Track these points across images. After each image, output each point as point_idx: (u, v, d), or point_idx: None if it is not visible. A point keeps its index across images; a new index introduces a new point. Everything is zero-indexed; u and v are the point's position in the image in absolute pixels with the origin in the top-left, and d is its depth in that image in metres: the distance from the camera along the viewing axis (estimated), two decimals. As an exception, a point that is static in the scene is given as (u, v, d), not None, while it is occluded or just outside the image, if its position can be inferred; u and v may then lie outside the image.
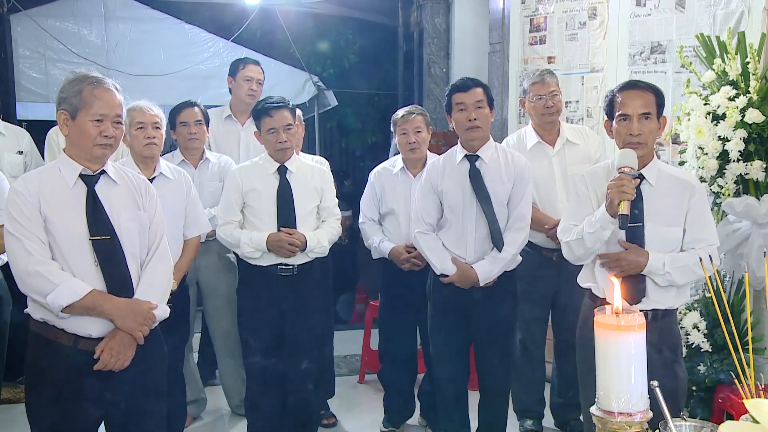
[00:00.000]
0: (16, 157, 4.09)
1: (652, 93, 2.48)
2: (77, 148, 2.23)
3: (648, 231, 2.47)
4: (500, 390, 3.18)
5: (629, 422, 1.20)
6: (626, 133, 2.45)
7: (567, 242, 2.56)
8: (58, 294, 2.10)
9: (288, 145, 3.20)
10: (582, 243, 2.49)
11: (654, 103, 2.47)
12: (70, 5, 5.84)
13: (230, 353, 3.79)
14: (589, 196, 2.57)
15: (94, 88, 2.19)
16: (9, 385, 4.00)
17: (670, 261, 2.44)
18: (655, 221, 2.47)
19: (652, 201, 2.48)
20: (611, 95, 2.54)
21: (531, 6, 4.39)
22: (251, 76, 4.03)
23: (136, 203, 2.31)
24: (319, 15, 7.69)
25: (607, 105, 2.55)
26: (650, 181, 2.48)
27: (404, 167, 3.53)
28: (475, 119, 2.94)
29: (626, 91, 2.48)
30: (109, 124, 2.20)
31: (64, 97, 2.20)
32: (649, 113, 2.45)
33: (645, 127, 2.44)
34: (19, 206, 2.13)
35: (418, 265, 3.39)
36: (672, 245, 2.48)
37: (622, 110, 2.46)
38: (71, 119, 2.19)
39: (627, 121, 2.45)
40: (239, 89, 4.05)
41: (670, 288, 2.48)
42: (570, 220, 2.59)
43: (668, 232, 2.47)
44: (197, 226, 3.26)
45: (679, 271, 2.43)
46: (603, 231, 2.43)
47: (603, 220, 2.41)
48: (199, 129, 3.59)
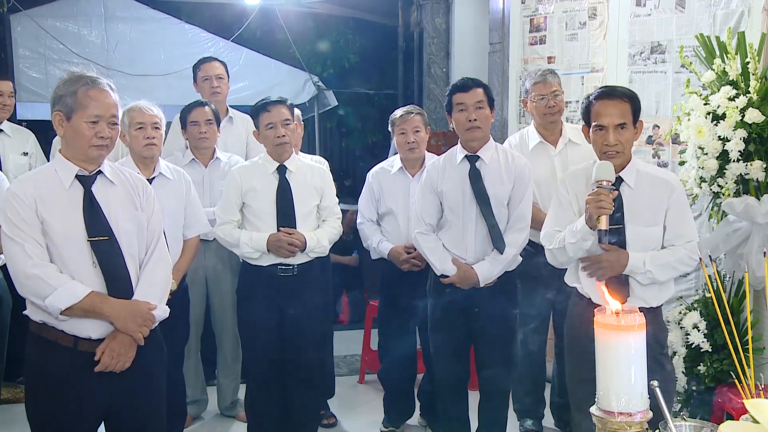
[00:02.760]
0: (21, 158, 4.10)
1: (628, 101, 2.50)
2: (73, 149, 2.21)
3: (629, 232, 2.51)
4: (500, 390, 3.18)
5: (629, 422, 1.20)
6: (602, 143, 2.48)
7: (550, 250, 2.62)
8: (56, 297, 2.09)
9: (287, 140, 3.19)
10: (564, 252, 2.55)
11: (630, 111, 2.49)
12: (70, 5, 5.84)
13: (232, 353, 3.80)
14: (569, 200, 2.61)
15: (89, 89, 2.17)
16: (9, 385, 4.00)
17: (650, 259, 2.48)
18: (636, 222, 2.51)
19: (632, 202, 2.51)
20: (587, 102, 2.56)
21: (531, 6, 4.39)
22: (209, 74, 4.03)
23: (134, 203, 2.30)
24: (319, 15, 7.69)
25: (584, 111, 2.57)
26: (629, 183, 2.52)
27: (402, 167, 3.53)
28: (475, 119, 2.94)
29: (602, 101, 2.50)
30: (105, 125, 2.18)
31: (58, 98, 2.18)
32: (624, 123, 2.47)
33: (621, 137, 2.47)
34: (16, 209, 2.12)
35: (417, 266, 3.39)
36: (653, 244, 2.52)
37: (598, 121, 2.49)
38: (66, 120, 2.18)
39: (603, 132, 2.48)
40: (202, 91, 4.05)
41: (653, 285, 2.53)
42: (552, 226, 2.64)
43: (649, 232, 2.51)
44: (197, 226, 3.26)
45: (660, 268, 2.48)
46: (583, 242, 2.48)
47: (583, 232, 2.45)
48: (210, 129, 3.59)
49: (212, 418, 3.92)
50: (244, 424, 3.46)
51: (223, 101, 4.09)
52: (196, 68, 4.10)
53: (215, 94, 4.01)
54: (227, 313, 3.70)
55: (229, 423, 3.87)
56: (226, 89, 4.09)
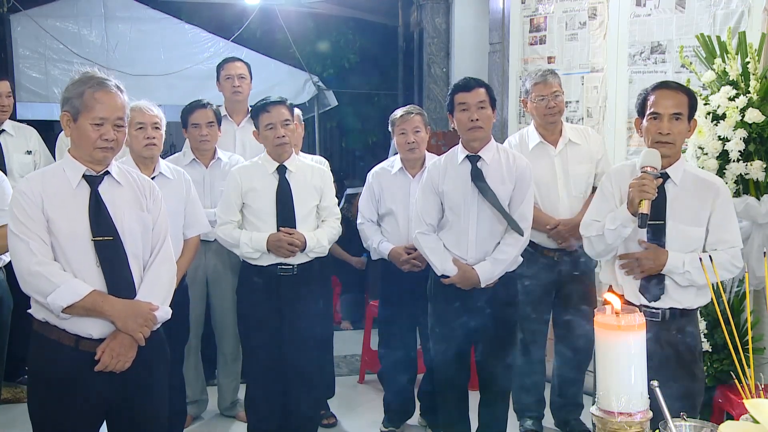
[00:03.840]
0: (25, 157, 4.09)
1: (686, 95, 2.51)
2: (79, 150, 2.23)
3: (670, 229, 2.49)
4: (500, 390, 3.17)
5: (629, 422, 1.20)
6: (656, 131, 2.48)
7: (588, 237, 2.61)
8: (58, 294, 2.10)
9: (287, 140, 3.19)
10: (602, 239, 2.53)
11: (686, 104, 2.50)
12: (70, 5, 5.84)
13: (232, 353, 3.80)
14: (613, 193, 2.61)
15: (95, 91, 2.18)
16: (9, 385, 4.00)
17: (690, 260, 2.45)
18: (678, 220, 2.49)
19: (676, 200, 2.50)
20: (645, 93, 2.57)
21: (531, 6, 4.39)
22: (231, 73, 4.06)
23: (140, 204, 2.31)
24: (319, 15, 7.69)
25: (640, 103, 2.58)
26: (675, 180, 2.51)
27: (403, 167, 3.53)
28: (477, 119, 2.94)
29: (660, 90, 2.51)
30: (110, 127, 2.19)
31: (66, 98, 2.20)
32: (680, 114, 2.48)
33: (675, 127, 2.47)
34: (23, 206, 2.14)
35: (418, 266, 3.39)
36: (694, 245, 2.50)
37: (654, 108, 2.49)
38: (73, 121, 2.19)
39: (657, 120, 2.48)
40: (224, 90, 4.10)
41: (690, 288, 2.49)
42: (593, 216, 2.63)
43: (690, 232, 2.49)
44: (197, 226, 3.26)
45: (699, 270, 2.44)
46: (623, 228, 2.47)
47: (624, 218, 2.45)
48: (211, 131, 3.61)
49: (212, 418, 3.92)
50: (244, 424, 3.46)
51: (245, 101, 4.12)
52: (219, 68, 4.13)
53: (237, 93, 4.04)
54: (227, 313, 3.70)
55: (229, 423, 3.86)
56: (248, 89, 4.11)
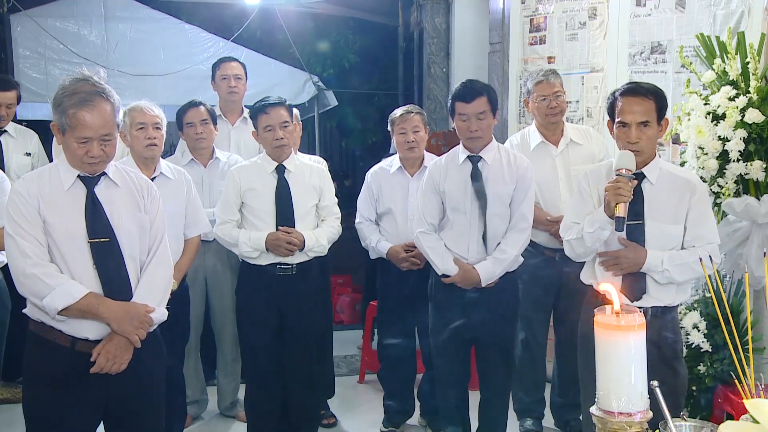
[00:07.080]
0: (24, 158, 4.12)
1: (653, 98, 2.49)
2: (70, 159, 2.20)
3: (648, 228, 2.50)
4: (501, 390, 3.18)
5: (629, 422, 1.20)
6: (625, 140, 2.48)
7: (568, 240, 2.61)
8: (54, 297, 2.09)
9: (285, 142, 3.19)
10: (582, 242, 2.54)
11: (654, 109, 2.48)
12: (70, 5, 5.83)
13: (232, 353, 3.80)
14: (590, 194, 2.61)
15: (78, 111, 2.10)
16: (9, 385, 4.01)
17: (669, 258, 2.47)
18: (656, 219, 2.50)
19: (653, 199, 2.50)
20: (612, 98, 2.56)
21: (531, 6, 4.39)
22: (227, 73, 4.06)
23: (137, 205, 2.30)
24: (319, 15, 7.68)
25: (609, 106, 2.58)
26: (651, 179, 2.51)
27: (401, 167, 3.53)
28: (476, 130, 2.94)
29: (627, 98, 2.49)
30: (95, 144, 2.14)
31: (55, 107, 2.15)
32: (647, 121, 2.47)
33: (643, 134, 2.47)
34: (19, 207, 2.13)
35: (417, 264, 3.39)
36: (672, 243, 2.51)
37: (621, 117, 2.49)
38: (61, 135, 2.17)
39: (626, 128, 2.48)
40: (220, 89, 4.10)
41: (670, 285, 2.51)
42: (572, 218, 2.64)
43: (669, 230, 2.50)
44: (198, 226, 3.26)
45: (678, 268, 2.46)
46: (601, 231, 2.48)
47: (601, 221, 2.46)
48: (206, 128, 3.61)
49: (212, 418, 3.92)
50: (244, 424, 3.46)
51: (240, 101, 4.13)
52: (215, 67, 4.13)
53: (232, 93, 4.05)
54: (227, 313, 3.70)
55: (229, 423, 3.86)
56: (243, 89, 4.12)
